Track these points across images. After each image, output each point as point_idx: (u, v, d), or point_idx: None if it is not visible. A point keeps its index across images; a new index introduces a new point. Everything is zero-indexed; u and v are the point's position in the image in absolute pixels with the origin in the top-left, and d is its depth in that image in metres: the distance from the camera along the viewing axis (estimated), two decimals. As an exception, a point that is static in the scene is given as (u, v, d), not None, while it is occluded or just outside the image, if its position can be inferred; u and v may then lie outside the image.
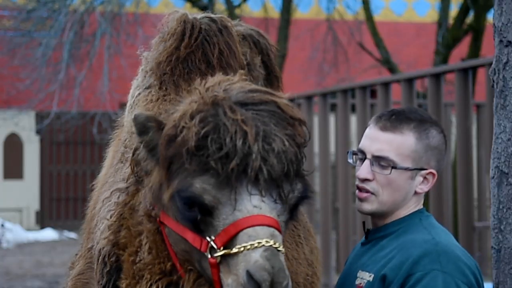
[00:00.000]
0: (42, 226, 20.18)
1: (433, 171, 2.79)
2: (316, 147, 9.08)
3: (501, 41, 2.95)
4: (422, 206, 2.86)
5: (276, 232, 2.41)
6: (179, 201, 2.47)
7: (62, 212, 20.76)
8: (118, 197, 2.81)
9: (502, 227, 2.92)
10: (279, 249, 2.39)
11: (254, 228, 2.39)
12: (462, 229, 6.85)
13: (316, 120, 9.10)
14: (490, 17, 12.66)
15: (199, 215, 2.46)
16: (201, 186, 2.43)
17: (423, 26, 20.76)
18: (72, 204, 20.61)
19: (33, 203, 20.52)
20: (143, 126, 2.57)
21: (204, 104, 2.50)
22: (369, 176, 2.78)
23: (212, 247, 2.43)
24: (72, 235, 18.48)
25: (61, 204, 20.77)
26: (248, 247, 2.37)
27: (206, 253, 2.44)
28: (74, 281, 2.95)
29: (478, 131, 9.62)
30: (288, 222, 2.54)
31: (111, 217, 2.78)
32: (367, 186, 2.79)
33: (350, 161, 2.89)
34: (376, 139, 2.79)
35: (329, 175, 8.89)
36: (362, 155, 2.82)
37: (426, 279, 2.59)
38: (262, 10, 16.06)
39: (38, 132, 19.54)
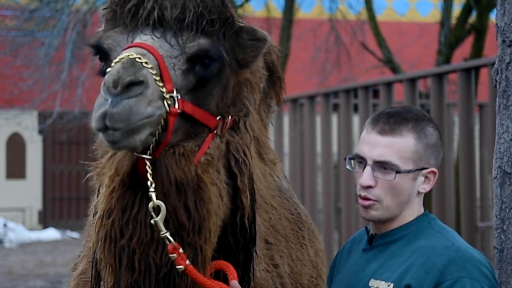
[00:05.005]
0: (45, 226, 20.21)
1: (434, 169, 2.76)
2: (319, 147, 9.07)
3: (503, 41, 2.94)
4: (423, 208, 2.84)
5: (149, 54, 2.44)
6: (96, 58, 2.61)
7: (65, 212, 20.79)
8: None
9: (504, 227, 2.92)
10: (141, 60, 2.41)
11: (128, 49, 2.45)
12: (464, 229, 6.84)
13: (318, 120, 9.10)
14: (493, 17, 12.62)
15: (103, 63, 2.56)
16: (107, 35, 2.56)
17: (425, 26, 20.76)
18: (74, 204, 20.64)
19: (36, 202, 20.54)
20: None
21: None
22: (372, 183, 2.72)
23: None
24: (75, 234, 18.50)
25: (63, 203, 20.79)
26: (117, 60, 2.41)
27: None
28: (76, 281, 2.96)
29: (480, 131, 9.60)
30: (188, 75, 2.53)
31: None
32: (369, 194, 2.73)
33: (349, 167, 2.85)
34: (376, 144, 2.73)
35: (332, 175, 8.88)
36: (361, 160, 2.77)
37: (456, 287, 2.58)
38: (265, 10, 16.04)
39: (40, 131, 19.56)
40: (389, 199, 2.72)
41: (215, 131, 2.62)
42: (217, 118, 2.61)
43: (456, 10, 14.64)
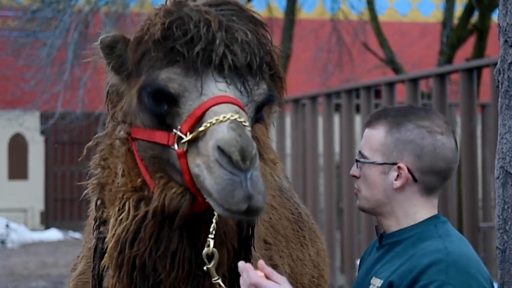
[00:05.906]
0: (47, 227, 20.22)
1: (401, 164, 2.68)
2: (321, 148, 9.07)
3: (506, 41, 2.94)
4: (433, 210, 2.77)
5: (242, 112, 2.38)
6: (146, 97, 2.45)
7: (67, 213, 20.80)
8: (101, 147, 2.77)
9: (507, 227, 2.92)
10: (244, 123, 2.35)
11: (219, 105, 2.37)
12: (466, 229, 6.84)
13: (320, 121, 9.10)
14: (495, 17, 12.63)
15: (166, 106, 2.43)
16: (167, 76, 2.42)
17: (427, 26, 20.76)
18: (76, 205, 20.64)
19: (38, 203, 20.55)
20: (109, 47, 2.58)
21: (167, 6, 2.53)
22: (355, 173, 2.81)
23: (179, 137, 2.39)
24: (77, 235, 18.49)
25: (65, 204, 20.80)
26: (214, 122, 2.33)
27: (173, 146, 2.39)
28: (75, 281, 2.95)
29: (482, 132, 9.60)
30: (253, 122, 2.51)
31: (95, 162, 2.75)
32: (355, 183, 2.84)
33: None
34: (363, 137, 2.83)
35: (334, 175, 8.89)
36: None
37: None
38: (267, 10, 16.04)
39: (42, 132, 19.57)
40: (364, 190, 2.77)
41: None
42: None
43: (458, 10, 14.64)
